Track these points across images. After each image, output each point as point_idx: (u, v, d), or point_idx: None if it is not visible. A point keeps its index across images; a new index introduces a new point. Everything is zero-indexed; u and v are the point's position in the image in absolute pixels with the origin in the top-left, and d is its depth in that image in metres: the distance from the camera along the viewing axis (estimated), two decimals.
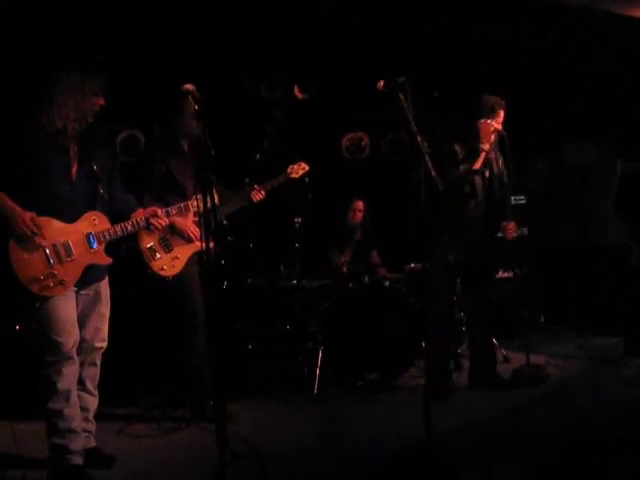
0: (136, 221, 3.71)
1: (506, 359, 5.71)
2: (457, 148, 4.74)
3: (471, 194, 4.80)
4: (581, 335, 6.55)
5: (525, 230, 7.18)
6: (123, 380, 4.87)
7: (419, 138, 3.53)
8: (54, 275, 3.39)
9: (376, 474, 3.44)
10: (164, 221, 3.84)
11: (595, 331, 6.54)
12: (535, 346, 6.06)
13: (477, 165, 4.69)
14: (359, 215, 6.13)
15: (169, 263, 4.39)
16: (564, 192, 7.29)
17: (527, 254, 7.24)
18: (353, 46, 5.95)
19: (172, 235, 4.39)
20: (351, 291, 5.18)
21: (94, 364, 3.74)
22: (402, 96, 3.58)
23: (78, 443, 3.50)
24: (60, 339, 3.41)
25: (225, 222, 5.38)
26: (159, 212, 3.80)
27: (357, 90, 6.42)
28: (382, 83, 3.68)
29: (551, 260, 7.25)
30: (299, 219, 5.36)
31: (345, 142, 6.78)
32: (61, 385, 3.43)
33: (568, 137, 7.21)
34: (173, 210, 3.98)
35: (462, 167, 4.69)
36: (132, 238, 4.27)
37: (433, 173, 3.51)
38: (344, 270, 5.44)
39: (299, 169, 4.89)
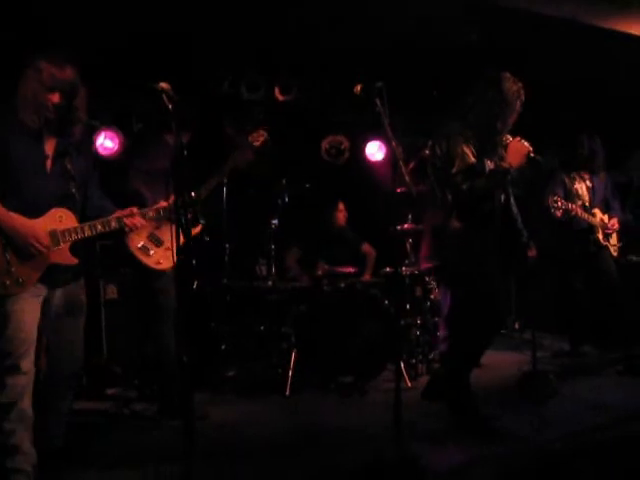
0: (107, 221, 3.59)
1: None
2: (468, 150, 4.02)
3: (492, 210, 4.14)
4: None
5: None
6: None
7: (394, 143, 3.55)
8: (10, 272, 3.22)
9: None
10: (139, 221, 3.73)
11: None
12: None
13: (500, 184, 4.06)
14: (342, 216, 6.16)
15: (164, 255, 4.46)
16: None
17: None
18: (336, 47, 5.94)
19: (159, 229, 4.46)
20: (325, 294, 5.18)
21: (63, 398, 3.62)
22: (378, 101, 3.59)
23: (19, 462, 3.25)
24: (7, 346, 3.22)
25: (202, 221, 5.41)
26: (135, 211, 3.73)
27: (339, 93, 6.48)
28: (359, 87, 3.68)
29: None
30: (275, 221, 5.37)
31: (325, 145, 6.78)
32: (3, 397, 3.21)
33: None
34: (150, 212, 3.90)
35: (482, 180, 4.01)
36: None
37: (407, 178, 3.52)
38: (319, 273, 5.44)
39: (259, 136, 4.88)
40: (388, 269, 5.69)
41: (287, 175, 5.63)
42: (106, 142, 5.90)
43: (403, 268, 5.59)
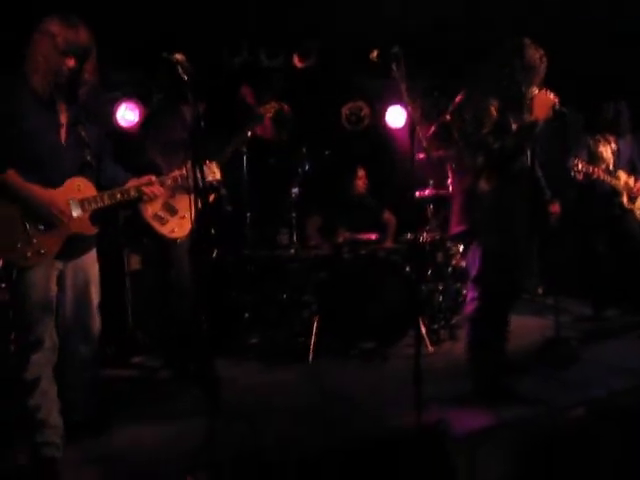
0: (126, 189, 3.56)
1: None
2: (494, 112, 3.98)
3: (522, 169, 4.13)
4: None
5: None
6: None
7: (412, 109, 3.54)
8: (32, 243, 3.21)
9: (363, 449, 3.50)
10: (158, 189, 3.69)
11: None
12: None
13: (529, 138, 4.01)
14: (362, 183, 6.12)
15: (178, 224, 4.54)
16: None
17: None
18: (355, 10, 5.84)
19: (173, 198, 4.51)
20: (346, 261, 5.18)
21: (90, 342, 3.58)
22: (395, 66, 3.57)
23: (47, 435, 3.31)
24: (30, 319, 3.24)
25: (223, 191, 5.44)
26: (153, 179, 3.69)
27: (358, 58, 6.40)
28: (375, 53, 3.66)
29: None
30: (296, 189, 5.37)
31: (345, 111, 6.74)
32: (27, 374, 3.25)
33: None
34: (168, 180, 3.91)
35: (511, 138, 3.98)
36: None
37: (424, 144, 3.53)
38: (340, 240, 5.43)
39: (270, 107, 4.96)
40: (409, 235, 5.68)
41: (307, 143, 5.62)
42: (127, 114, 5.90)
43: (424, 234, 5.58)
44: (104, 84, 5.17)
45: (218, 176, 4.27)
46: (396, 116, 6.88)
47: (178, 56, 3.19)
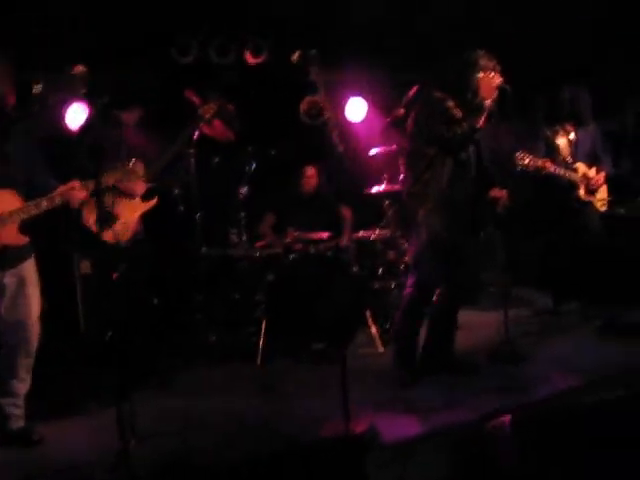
0: (51, 197, 3.62)
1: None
2: (450, 104, 4.26)
3: (466, 161, 4.37)
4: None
5: None
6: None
7: (329, 112, 3.55)
8: None
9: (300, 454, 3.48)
10: (81, 194, 3.74)
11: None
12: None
13: (481, 122, 4.23)
14: (312, 182, 6.03)
15: (121, 230, 4.61)
16: None
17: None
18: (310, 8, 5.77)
19: (113, 204, 4.57)
20: (293, 261, 5.12)
21: (28, 355, 3.72)
22: (314, 68, 3.59)
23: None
24: None
25: (177, 192, 5.41)
26: (76, 185, 3.72)
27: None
28: (296, 55, 3.67)
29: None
30: (244, 189, 5.30)
31: (303, 106, 6.64)
32: None
33: None
34: (91, 184, 3.83)
35: (464, 126, 4.22)
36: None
37: (334, 139, 3.55)
38: (288, 240, 5.36)
39: (209, 109, 4.99)
40: (360, 233, 5.62)
41: (259, 141, 5.57)
42: (78, 116, 5.82)
43: (376, 231, 5.52)
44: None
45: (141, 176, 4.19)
46: (356, 109, 6.78)
47: (79, 68, 3.15)
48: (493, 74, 4.27)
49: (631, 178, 7.02)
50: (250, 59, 6.00)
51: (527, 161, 5.39)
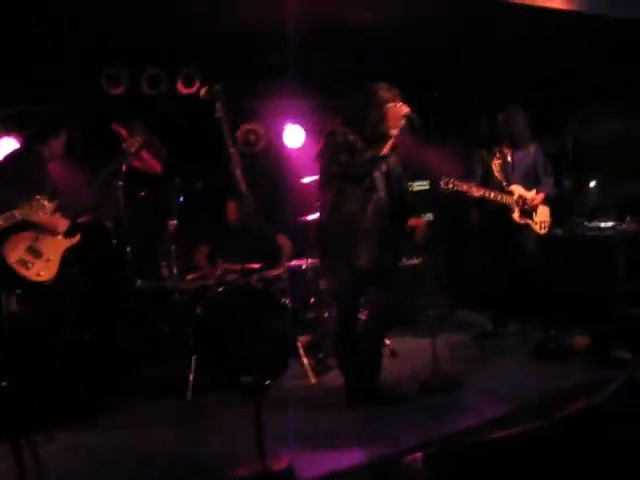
0: None
1: (393, 353, 5.63)
2: (351, 136, 4.37)
3: (371, 187, 4.43)
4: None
5: (429, 216, 7.16)
6: None
7: (232, 149, 3.54)
8: None
9: None
10: None
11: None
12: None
13: (385, 150, 4.34)
14: (233, 215, 5.96)
15: (44, 266, 4.58)
16: None
17: (433, 240, 7.20)
18: (237, 32, 5.72)
19: (37, 241, 4.56)
20: (221, 293, 5.05)
21: None
22: (219, 104, 3.58)
23: None
24: None
25: (109, 224, 5.35)
26: None
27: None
28: (204, 90, 3.67)
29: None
30: (173, 221, 5.24)
31: (240, 134, 6.62)
32: None
33: None
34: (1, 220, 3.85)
35: (367, 154, 4.33)
36: None
37: (237, 172, 3.57)
38: (217, 272, 5.29)
39: (134, 142, 4.99)
40: (293, 262, 5.59)
41: (188, 173, 5.55)
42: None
43: (308, 260, 5.48)
44: None
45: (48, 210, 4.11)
46: (294, 136, 6.78)
47: None
48: (399, 104, 4.33)
49: (571, 199, 7.11)
50: (182, 89, 5.96)
51: (451, 185, 5.40)
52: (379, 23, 5.67)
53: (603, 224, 6.10)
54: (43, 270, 4.55)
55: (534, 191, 5.88)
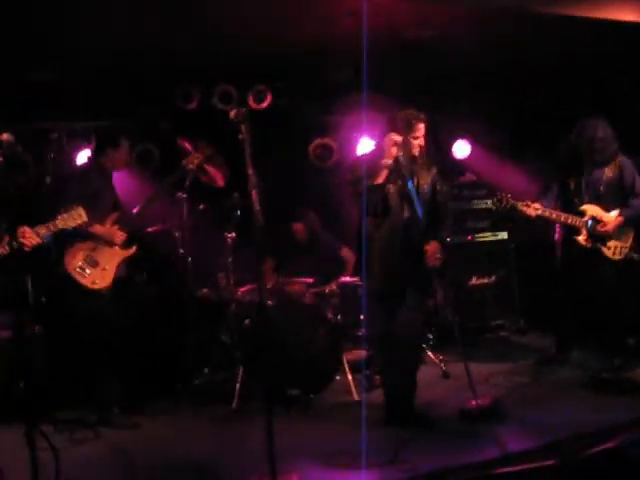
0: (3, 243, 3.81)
1: (445, 375, 5.57)
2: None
3: (383, 213, 4.53)
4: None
5: (505, 234, 7.01)
6: None
7: (251, 170, 3.65)
8: None
9: None
10: (33, 239, 3.88)
11: None
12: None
13: (378, 181, 4.45)
14: (301, 235, 6.22)
15: (99, 276, 4.82)
16: None
17: (506, 258, 7.04)
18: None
19: (94, 251, 4.83)
20: (269, 308, 5.18)
21: None
22: (244, 126, 3.71)
23: None
24: None
25: (178, 235, 5.59)
26: (27, 230, 3.88)
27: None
28: (234, 112, 3.80)
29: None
30: (231, 234, 5.43)
31: (312, 148, 6.76)
32: None
33: None
34: (42, 229, 3.99)
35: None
36: None
37: (256, 207, 3.64)
38: (268, 286, 5.43)
39: (194, 159, 5.16)
40: (347, 279, 5.64)
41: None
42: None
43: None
44: None
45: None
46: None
47: (4, 136, 3.34)
48: (392, 134, 4.46)
49: None
50: (253, 104, 6.16)
51: (504, 203, 5.31)
52: (452, 39, 5.64)
53: None
54: (98, 279, 4.78)
55: (615, 212, 5.48)
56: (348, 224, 6.29)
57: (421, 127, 4.61)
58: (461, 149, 7.38)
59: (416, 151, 4.62)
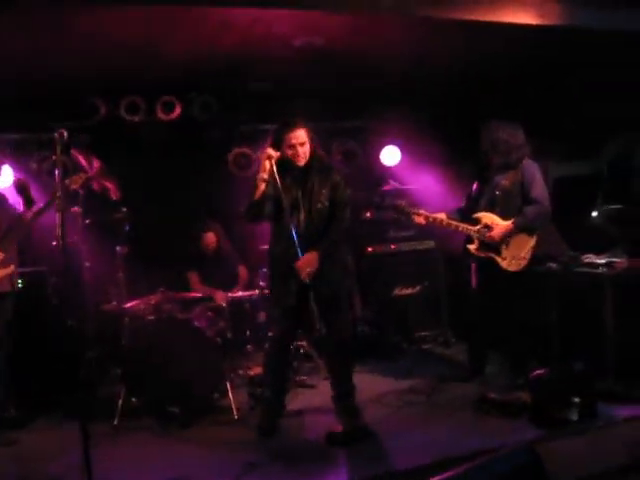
0: None
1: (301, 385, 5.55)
2: None
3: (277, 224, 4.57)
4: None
5: (432, 243, 6.83)
6: None
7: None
8: None
9: None
10: None
11: None
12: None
13: (255, 196, 4.41)
14: (213, 246, 6.20)
15: None
16: None
17: (433, 267, 6.84)
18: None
19: None
20: (149, 322, 5.11)
21: None
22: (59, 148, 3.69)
23: None
24: None
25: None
26: None
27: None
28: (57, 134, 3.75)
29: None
30: (119, 248, 5.37)
31: (231, 156, 6.69)
32: None
33: None
34: None
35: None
36: None
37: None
38: (152, 302, 5.33)
39: (78, 179, 4.96)
40: (239, 293, 5.54)
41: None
42: None
43: (255, 291, 5.43)
44: None
45: None
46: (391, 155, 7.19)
47: None
48: (267, 149, 4.44)
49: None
50: (162, 115, 6.10)
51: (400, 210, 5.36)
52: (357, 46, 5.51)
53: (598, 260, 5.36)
54: None
55: (511, 221, 5.14)
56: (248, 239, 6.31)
57: (297, 135, 4.48)
58: (390, 156, 7.19)
59: (301, 160, 4.50)
